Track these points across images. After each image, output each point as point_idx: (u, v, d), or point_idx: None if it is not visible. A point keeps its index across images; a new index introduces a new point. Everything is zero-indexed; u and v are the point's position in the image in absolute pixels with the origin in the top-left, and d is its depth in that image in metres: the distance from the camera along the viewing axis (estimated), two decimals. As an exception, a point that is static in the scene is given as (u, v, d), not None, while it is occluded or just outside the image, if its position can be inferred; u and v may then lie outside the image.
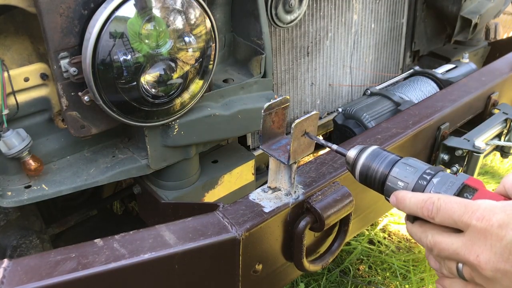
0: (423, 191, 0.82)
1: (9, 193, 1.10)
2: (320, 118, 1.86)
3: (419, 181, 0.83)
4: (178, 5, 1.05)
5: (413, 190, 0.83)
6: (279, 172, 0.99)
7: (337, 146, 0.97)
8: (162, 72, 1.08)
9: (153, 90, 1.08)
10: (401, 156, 0.89)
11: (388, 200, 0.87)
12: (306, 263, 1.03)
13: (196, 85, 1.17)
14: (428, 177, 0.82)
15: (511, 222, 0.66)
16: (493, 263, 0.67)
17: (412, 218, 0.82)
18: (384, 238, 2.44)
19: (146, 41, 1.02)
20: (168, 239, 0.85)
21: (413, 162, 0.86)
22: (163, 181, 1.33)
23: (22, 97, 1.09)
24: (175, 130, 1.20)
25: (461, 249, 0.71)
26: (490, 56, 2.34)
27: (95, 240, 0.83)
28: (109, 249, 0.81)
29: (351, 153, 0.94)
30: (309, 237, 1.04)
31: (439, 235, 0.76)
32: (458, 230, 0.73)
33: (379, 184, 0.89)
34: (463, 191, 0.78)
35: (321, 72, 1.79)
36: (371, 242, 2.40)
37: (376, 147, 0.92)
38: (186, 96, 1.16)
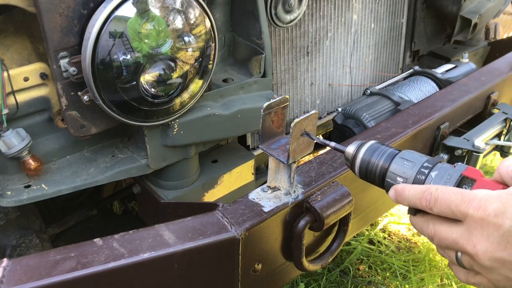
0: None
1: (9, 192, 1.10)
2: (320, 118, 1.86)
3: (418, 176, 0.83)
4: (178, 5, 1.05)
5: None
6: (278, 172, 0.99)
7: (335, 143, 0.97)
8: (162, 72, 1.08)
9: (153, 89, 1.08)
10: (399, 150, 0.89)
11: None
12: (305, 263, 1.03)
13: (196, 85, 1.17)
14: (426, 171, 0.82)
15: (507, 211, 0.66)
16: (491, 253, 0.68)
17: (414, 211, 0.82)
18: (384, 238, 2.44)
19: (146, 40, 1.02)
20: (167, 239, 0.85)
21: (410, 155, 0.86)
22: (163, 181, 1.33)
23: (21, 97, 1.09)
24: (175, 130, 1.20)
25: (459, 238, 0.72)
26: (490, 56, 2.34)
27: (95, 240, 0.83)
28: (108, 248, 0.81)
29: (350, 148, 0.94)
30: (308, 236, 1.04)
31: (439, 225, 0.76)
32: (458, 220, 0.74)
33: (379, 179, 0.89)
34: (462, 183, 0.78)
35: (320, 72, 1.79)
36: (371, 242, 2.40)
37: (374, 142, 0.92)
38: (185, 95, 1.16)
